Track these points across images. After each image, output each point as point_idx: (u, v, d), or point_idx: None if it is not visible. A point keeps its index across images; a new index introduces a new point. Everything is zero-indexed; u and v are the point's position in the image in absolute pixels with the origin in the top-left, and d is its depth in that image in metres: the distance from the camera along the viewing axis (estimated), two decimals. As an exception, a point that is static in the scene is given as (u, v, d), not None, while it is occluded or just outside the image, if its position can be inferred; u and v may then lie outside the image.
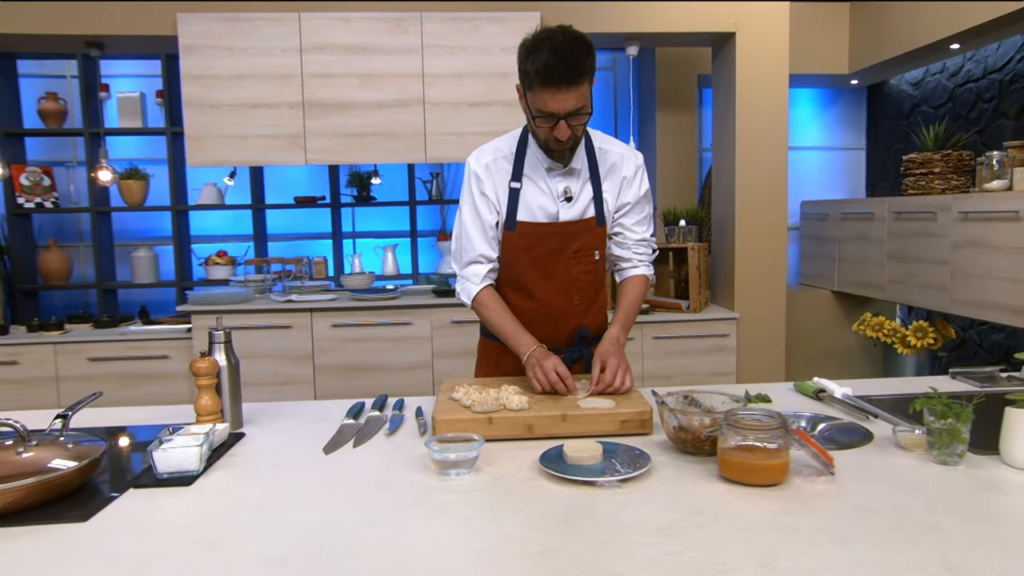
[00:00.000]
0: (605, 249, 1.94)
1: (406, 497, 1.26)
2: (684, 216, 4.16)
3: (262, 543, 1.10)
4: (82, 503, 1.28)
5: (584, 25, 3.86)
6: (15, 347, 3.91)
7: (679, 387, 1.72)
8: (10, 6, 3.81)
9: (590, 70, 1.65)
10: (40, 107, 4.76)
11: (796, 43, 4.52)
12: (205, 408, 1.63)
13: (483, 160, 1.87)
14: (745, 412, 1.32)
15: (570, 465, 1.34)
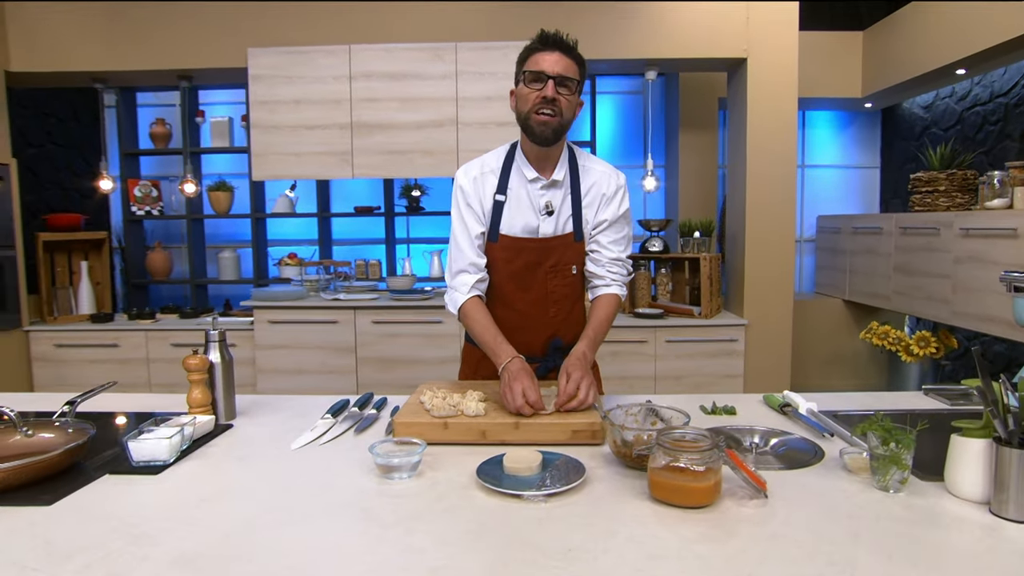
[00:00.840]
0: (583, 264, 1.77)
1: (341, 499, 1.14)
2: (699, 228, 3.91)
3: (186, 539, 1.00)
4: (59, 486, 1.22)
5: (606, 51, 3.70)
6: (117, 332, 3.99)
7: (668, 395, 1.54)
8: (121, 48, 3.89)
9: (580, 60, 1.62)
10: (151, 131, 4.87)
11: (812, 69, 4.21)
12: (196, 401, 1.55)
13: (471, 174, 1.73)
14: (678, 431, 1.14)
15: (504, 475, 1.19)
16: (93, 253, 4.36)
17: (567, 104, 1.59)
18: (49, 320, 4.10)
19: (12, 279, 3.91)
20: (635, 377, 3.78)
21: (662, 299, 4.04)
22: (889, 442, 1.08)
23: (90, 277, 4.28)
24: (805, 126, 5.04)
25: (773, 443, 1.37)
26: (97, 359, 3.97)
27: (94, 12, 3.91)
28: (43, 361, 4.00)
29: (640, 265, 4.05)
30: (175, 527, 1.04)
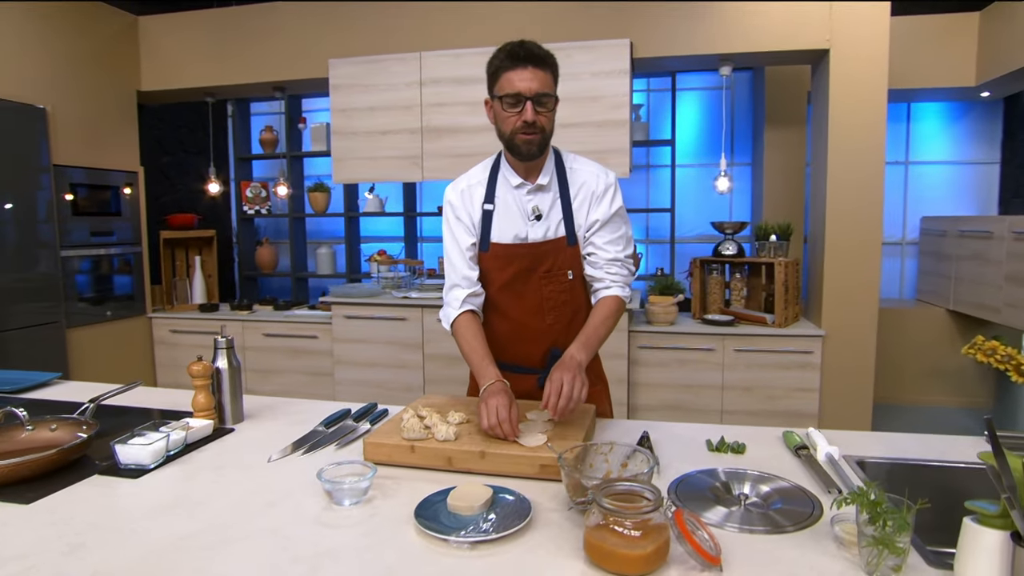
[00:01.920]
0: (581, 269, 1.61)
1: (274, 524, 1.07)
2: (776, 231, 3.53)
3: (112, 556, 0.97)
4: (48, 484, 1.24)
5: (675, 48, 3.41)
6: (218, 321, 4.25)
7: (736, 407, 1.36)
8: (225, 64, 4.12)
9: (553, 64, 1.50)
10: (261, 137, 5.13)
11: (917, 57, 3.67)
12: (200, 405, 1.55)
13: (458, 187, 1.64)
14: (623, 484, 0.96)
15: (445, 512, 1.06)
16: (206, 249, 4.66)
17: (548, 119, 1.50)
18: (167, 308, 4.44)
19: (139, 272, 4.27)
20: (701, 386, 3.49)
21: (735, 305, 3.70)
22: (878, 520, 0.85)
23: (202, 270, 4.59)
24: (910, 119, 4.43)
25: (767, 493, 1.15)
26: (203, 344, 4.23)
27: (202, 33, 4.15)
28: (162, 344, 4.34)
29: (713, 269, 3.73)
30: (112, 539, 1.02)
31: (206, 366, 1.56)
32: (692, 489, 1.16)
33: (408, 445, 1.29)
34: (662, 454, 1.35)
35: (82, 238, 3.84)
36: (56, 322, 3.68)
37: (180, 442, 1.42)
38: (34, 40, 3.58)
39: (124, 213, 4.13)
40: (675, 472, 1.25)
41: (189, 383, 1.57)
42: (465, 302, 1.60)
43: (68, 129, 3.75)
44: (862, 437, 1.46)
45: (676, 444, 1.42)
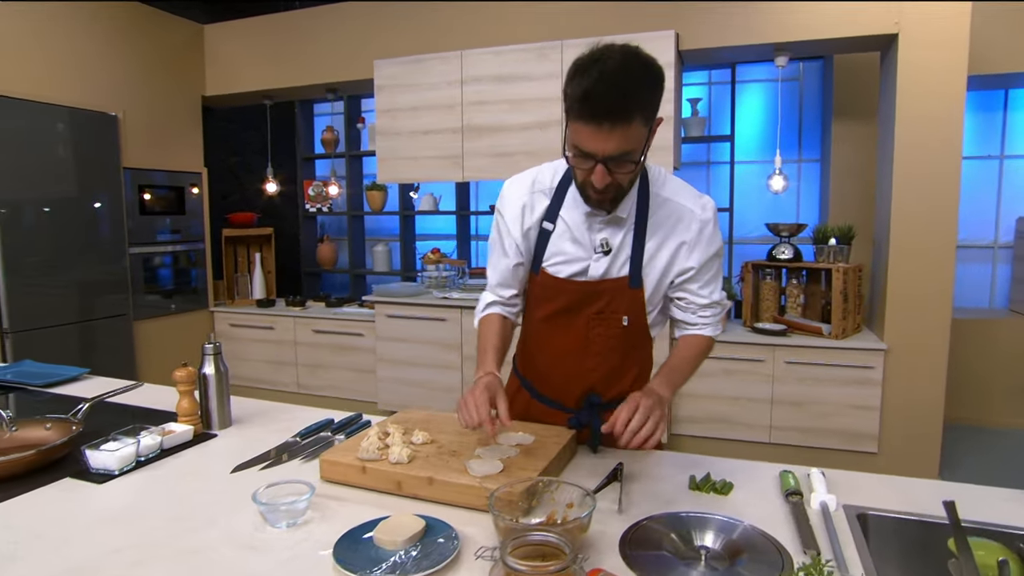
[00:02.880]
0: (643, 315, 1.37)
1: (207, 543, 1.04)
2: (836, 234, 3.22)
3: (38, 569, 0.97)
4: (23, 484, 1.27)
5: (726, 38, 3.18)
6: (273, 317, 4.40)
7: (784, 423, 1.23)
8: (280, 68, 4.24)
9: (646, 107, 1.11)
10: (322, 137, 5.27)
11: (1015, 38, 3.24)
12: (184, 410, 1.56)
13: (521, 197, 1.40)
14: (537, 534, 0.85)
15: (367, 544, 0.99)
16: (265, 246, 4.83)
17: (628, 175, 1.20)
18: (228, 303, 4.64)
19: (202, 268, 4.48)
20: (748, 399, 3.26)
21: (791, 314, 3.42)
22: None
23: (262, 266, 4.77)
24: (1007, 108, 3.94)
25: (734, 546, 1.00)
26: (258, 338, 4.41)
27: (260, 38, 4.29)
28: (222, 336, 4.53)
29: (767, 274, 3.46)
30: (45, 551, 1.02)
31: (190, 372, 1.56)
32: (647, 538, 1.03)
33: (360, 465, 1.23)
34: (634, 490, 1.22)
35: (149, 236, 4.07)
36: (124, 314, 3.91)
37: (154, 447, 1.42)
38: (108, 52, 3.81)
39: (189, 212, 4.34)
40: (641, 513, 1.12)
41: (248, 374, 1.57)
42: (492, 305, 1.48)
43: (138, 134, 3.97)
44: (878, 482, 1.27)
45: (653, 479, 1.28)
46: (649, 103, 1.12)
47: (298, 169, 5.52)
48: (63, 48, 3.58)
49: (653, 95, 1.12)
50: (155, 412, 1.72)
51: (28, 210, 3.40)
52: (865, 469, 3.16)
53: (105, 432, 1.40)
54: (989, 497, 1.19)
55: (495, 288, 1.48)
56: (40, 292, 3.48)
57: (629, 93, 1.08)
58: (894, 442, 3.06)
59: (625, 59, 1.09)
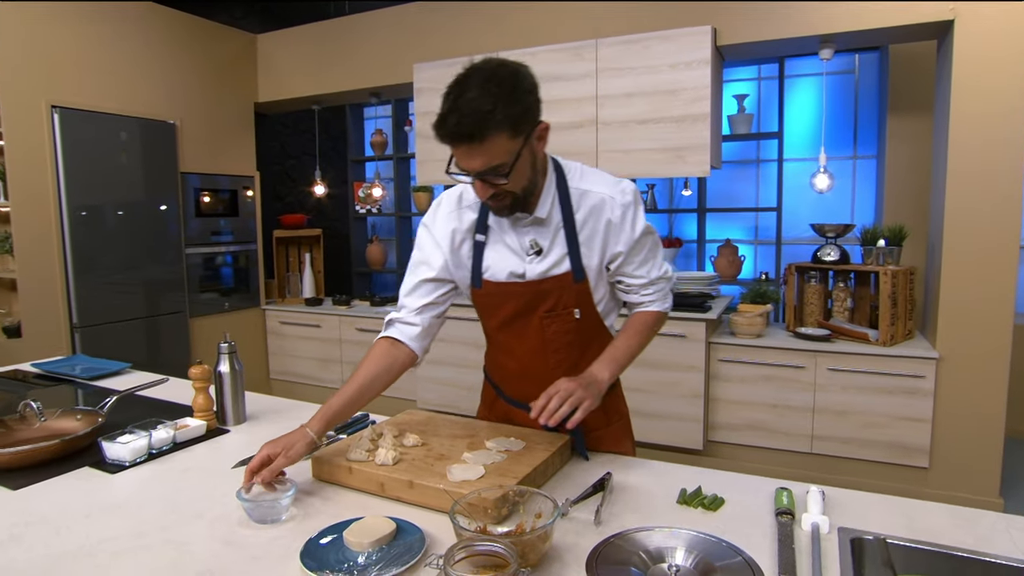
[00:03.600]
0: (593, 306, 1.40)
1: (190, 536, 1.08)
2: (885, 235, 3.04)
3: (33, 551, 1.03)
4: (45, 472, 1.35)
5: (766, 32, 3.06)
6: (320, 315, 4.53)
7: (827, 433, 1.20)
8: (326, 74, 4.37)
9: (505, 121, 1.15)
10: (372, 140, 5.38)
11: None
12: (199, 406, 1.63)
13: (448, 213, 1.42)
14: (483, 543, 0.84)
15: (337, 544, 1.01)
16: (315, 246, 4.99)
17: (509, 183, 1.22)
18: (279, 301, 4.81)
19: (254, 267, 4.67)
20: (788, 407, 3.11)
21: (837, 318, 3.25)
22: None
23: (312, 266, 4.92)
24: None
25: (706, 567, 0.95)
26: (306, 336, 4.55)
27: (307, 46, 4.42)
28: (273, 334, 4.71)
29: (812, 277, 3.30)
30: (45, 535, 1.08)
31: (205, 369, 1.63)
32: (616, 554, 0.99)
33: (347, 466, 1.25)
34: (619, 502, 1.19)
35: (204, 237, 4.27)
36: (181, 312, 4.12)
37: (167, 441, 1.49)
38: (168, 64, 4.02)
39: (242, 214, 4.53)
40: (619, 527, 1.08)
41: (297, 370, 1.64)
42: (391, 326, 1.45)
43: (194, 140, 4.18)
44: (883, 504, 1.18)
45: (641, 492, 1.24)
46: (508, 117, 1.15)
47: (348, 171, 5.67)
48: (127, 62, 3.80)
49: (512, 109, 1.15)
50: (177, 406, 1.80)
51: (96, 214, 3.63)
52: (915, 484, 2.98)
53: (127, 424, 1.48)
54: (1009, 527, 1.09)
55: (403, 299, 1.44)
56: (106, 290, 3.71)
57: (481, 114, 1.13)
58: (948, 457, 2.85)
59: (484, 81, 1.15)
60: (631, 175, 3.41)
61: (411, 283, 1.44)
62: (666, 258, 1.46)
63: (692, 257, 4.62)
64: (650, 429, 3.35)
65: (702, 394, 3.22)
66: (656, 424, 3.34)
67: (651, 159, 3.27)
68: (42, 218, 3.43)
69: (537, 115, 1.25)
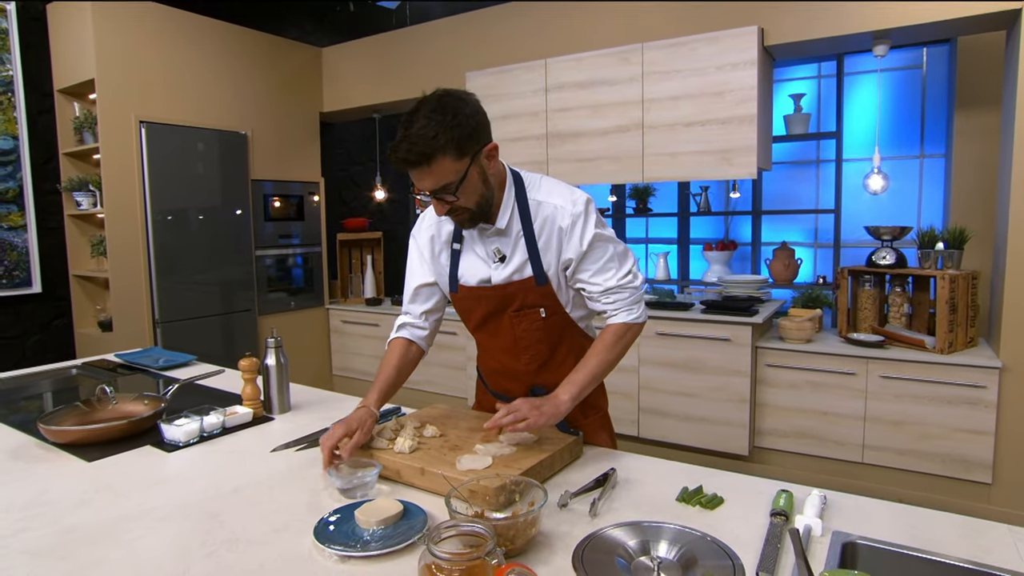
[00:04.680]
0: (559, 306, 1.49)
1: (222, 507, 1.20)
2: (945, 238, 2.89)
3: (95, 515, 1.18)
4: (115, 447, 1.53)
5: (815, 30, 2.99)
6: (379, 315, 4.72)
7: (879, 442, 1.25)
8: (385, 84, 4.56)
9: (448, 144, 1.25)
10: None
11: None
12: (247, 395, 1.77)
13: (430, 224, 1.55)
14: (464, 525, 0.91)
15: (348, 522, 1.10)
16: (376, 248, 5.20)
17: (462, 199, 1.32)
18: (342, 300, 5.05)
19: (319, 269, 4.92)
20: (839, 415, 3.01)
21: (893, 324, 3.12)
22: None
23: (372, 268, 5.13)
24: None
25: (689, 561, 0.98)
26: (366, 335, 4.75)
27: (368, 58, 4.63)
28: (336, 332, 4.94)
29: (866, 281, 3.18)
30: (106, 502, 1.23)
31: (254, 362, 1.77)
32: (604, 545, 1.04)
33: (369, 453, 1.35)
34: (619, 497, 1.23)
35: (273, 240, 4.55)
36: (250, 310, 4.40)
37: (217, 425, 1.64)
38: (241, 78, 4.31)
39: (308, 218, 4.79)
40: (613, 520, 1.13)
41: (357, 367, 1.79)
42: (403, 328, 1.60)
43: (263, 149, 4.46)
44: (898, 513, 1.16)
45: (643, 487, 1.27)
46: (451, 140, 1.25)
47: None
48: (205, 78, 4.11)
49: (454, 133, 1.25)
50: (231, 395, 1.96)
51: (176, 219, 3.95)
52: (977, 500, 2.81)
53: (183, 410, 1.64)
54: (1015, 536, 1.06)
55: (408, 306, 1.60)
56: (185, 289, 4.02)
57: (425, 140, 1.24)
58: (1013, 472, 2.68)
59: (430, 111, 1.26)
60: (677, 178, 3.39)
61: (409, 290, 1.61)
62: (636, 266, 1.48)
63: (747, 260, 4.52)
64: (695, 433, 3.32)
65: (748, 399, 3.16)
66: (701, 428, 3.30)
67: (697, 162, 3.25)
68: (131, 223, 3.76)
69: (483, 136, 1.34)
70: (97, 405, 1.72)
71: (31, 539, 1.10)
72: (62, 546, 1.07)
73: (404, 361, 1.56)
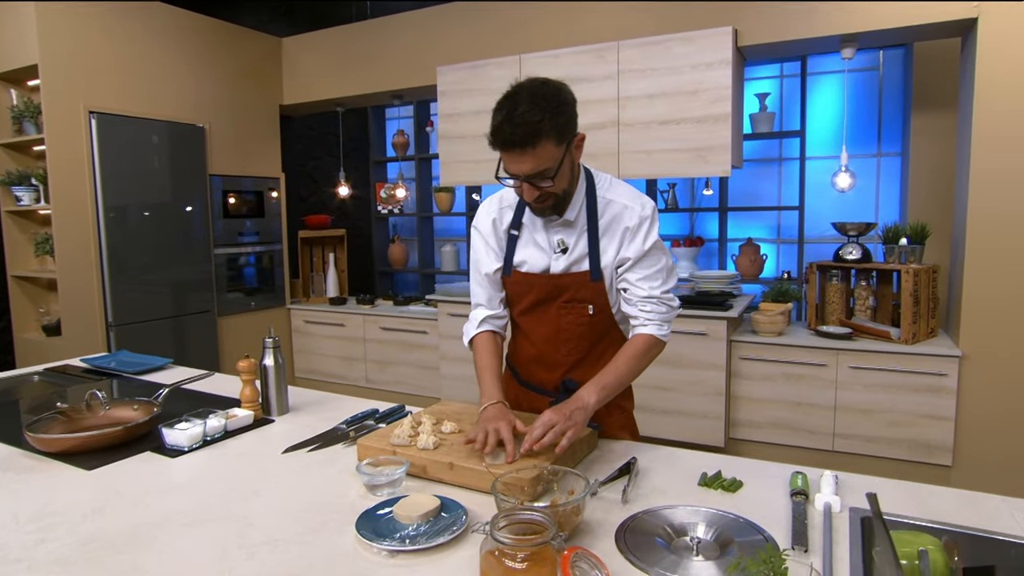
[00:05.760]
0: (607, 305, 1.56)
1: (250, 510, 1.21)
2: (907, 233, 3.10)
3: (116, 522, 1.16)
4: (113, 454, 1.50)
5: (787, 32, 3.14)
6: (344, 314, 4.68)
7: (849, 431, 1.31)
8: (349, 77, 4.52)
9: (552, 130, 1.32)
10: (394, 141, 5.52)
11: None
12: (246, 397, 1.76)
13: (490, 213, 1.63)
14: (525, 512, 0.95)
15: (386, 518, 1.13)
16: (339, 246, 5.14)
17: (554, 185, 1.39)
18: (304, 300, 4.98)
19: (279, 267, 4.84)
20: (811, 405, 3.19)
21: (859, 317, 3.32)
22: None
23: (335, 266, 5.08)
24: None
25: (725, 539, 1.06)
26: (331, 335, 4.70)
27: (331, 49, 4.58)
28: (298, 332, 4.87)
29: (833, 275, 3.37)
30: (124, 508, 1.22)
31: (252, 363, 1.76)
32: (643, 528, 1.11)
33: (391, 450, 1.37)
34: (643, 484, 1.30)
35: (232, 238, 4.45)
36: (209, 311, 4.30)
37: (219, 429, 1.63)
38: (198, 68, 4.20)
39: (268, 215, 4.70)
40: (644, 505, 1.20)
41: (322, 368, 1.78)
42: (484, 322, 1.64)
43: (222, 143, 4.35)
44: (902, 489, 1.27)
45: (665, 474, 1.35)
46: (554, 126, 1.32)
47: (370, 172, 5.82)
48: (158, 66, 3.98)
49: (557, 119, 1.33)
50: (222, 398, 1.94)
51: (131, 215, 3.81)
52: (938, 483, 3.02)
53: (179, 414, 1.62)
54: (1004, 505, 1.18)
55: (485, 297, 1.64)
56: (139, 289, 3.89)
57: (532, 124, 1.30)
58: (972, 456, 2.91)
59: (532, 96, 1.32)
60: (653, 175, 3.51)
61: (478, 279, 1.65)
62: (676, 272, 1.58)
63: (714, 256, 4.70)
64: (672, 426, 3.44)
65: (724, 392, 3.31)
66: (678, 421, 3.43)
67: (673, 159, 3.37)
68: (80, 220, 3.61)
69: (576, 126, 1.42)
70: (86, 412, 1.68)
71: (54, 550, 1.08)
72: (89, 555, 1.06)
73: (498, 351, 1.62)
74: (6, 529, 1.16)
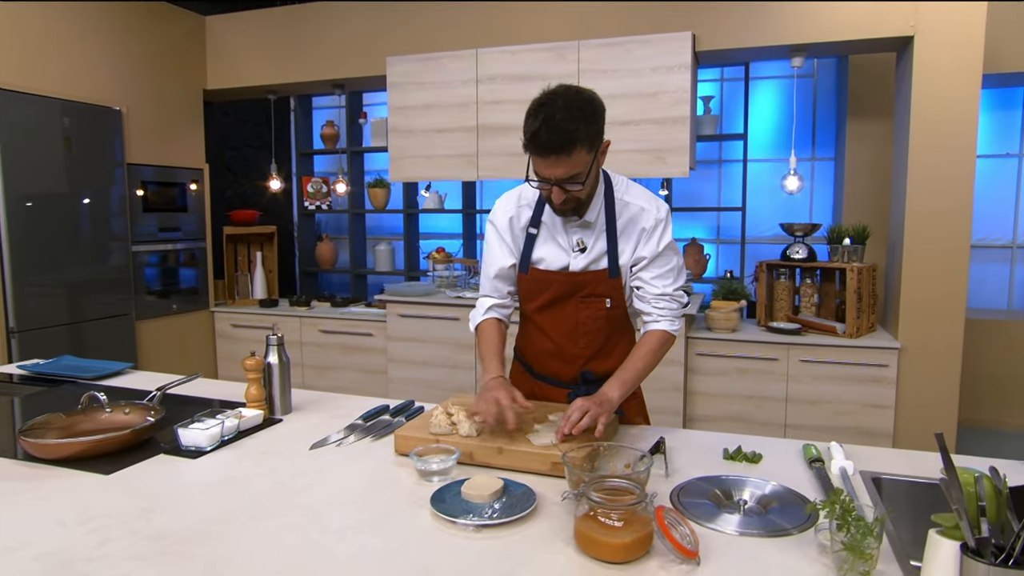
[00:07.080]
0: (623, 300, 1.75)
1: (312, 500, 1.30)
2: (850, 234, 3.53)
3: (178, 519, 1.23)
4: (125, 458, 1.53)
5: (743, 39, 3.49)
6: (276, 317, 4.64)
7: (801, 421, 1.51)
8: (286, 63, 4.50)
9: (585, 138, 1.48)
10: (322, 132, 5.49)
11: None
12: (252, 396, 1.82)
13: (508, 210, 1.78)
14: (615, 479, 1.13)
15: (457, 499, 1.27)
16: (267, 244, 5.08)
17: (582, 189, 1.56)
18: (229, 303, 4.88)
19: (203, 267, 4.72)
20: (764, 398, 3.55)
21: (805, 313, 3.73)
22: (846, 527, 0.99)
23: (263, 266, 5.01)
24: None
25: (767, 500, 1.28)
26: (261, 340, 4.63)
27: (264, 32, 4.54)
28: (223, 337, 4.78)
29: (781, 274, 3.77)
30: (175, 507, 1.28)
31: (258, 361, 1.83)
32: (694, 492, 1.31)
33: (434, 439, 1.51)
34: (675, 460, 1.51)
35: (151, 233, 4.31)
36: (127, 314, 4.15)
37: (233, 429, 1.69)
38: (111, 45, 4.05)
39: (190, 209, 4.59)
40: (683, 477, 1.40)
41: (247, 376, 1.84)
42: (491, 310, 1.81)
43: (140, 129, 4.22)
44: (891, 454, 1.56)
45: (691, 451, 1.57)
46: (588, 135, 1.48)
47: (294, 165, 5.77)
48: (68, 41, 3.81)
49: (591, 128, 1.49)
50: (213, 400, 1.99)
51: (35, 207, 3.62)
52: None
53: (177, 417, 1.67)
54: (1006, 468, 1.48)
55: (493, 288, 1.82)
56: (46, 291, 3.70)
57: (568, 131, 1.45)
58: (909, 441, 3.36)
59: (567, 102, 1.47)
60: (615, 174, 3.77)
61: (490, 272, 1.80)
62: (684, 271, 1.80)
63: (659, 256, 5.04)
64: (632, 424, 3.71)
65: (681, 387, 3.62)
66: (638, 419, 3.70)
67: (632, 160, 3.64)
68: (-19, 212, 3.41)
69: (603, 134, 1.58)
70: (83, 417, 1.69)
71: (125, 548, 1.13)
72: (166, 550, 1.13)
73: (503, 336, 1.78)
74: (58, 533, 1.19)
